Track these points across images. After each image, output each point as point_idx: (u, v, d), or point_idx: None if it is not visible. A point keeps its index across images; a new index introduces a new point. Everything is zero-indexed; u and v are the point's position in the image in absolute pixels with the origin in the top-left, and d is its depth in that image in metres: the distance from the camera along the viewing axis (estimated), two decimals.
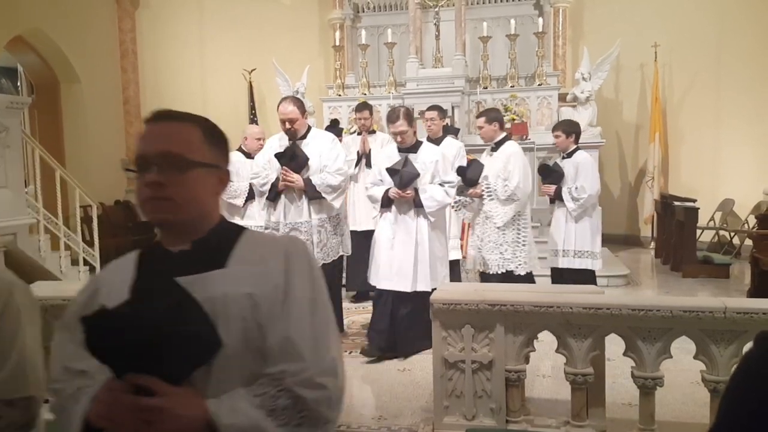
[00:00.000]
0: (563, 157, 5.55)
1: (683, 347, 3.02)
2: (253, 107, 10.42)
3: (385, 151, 4.83)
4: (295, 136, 4.51)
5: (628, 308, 2.91)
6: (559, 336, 3.06)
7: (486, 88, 8.93)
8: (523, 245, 5.00)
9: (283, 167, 4.42)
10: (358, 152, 6.29)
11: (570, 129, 5.48)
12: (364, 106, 6.55)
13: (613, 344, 3.13)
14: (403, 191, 4.37)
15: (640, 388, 2.99)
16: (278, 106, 4.52)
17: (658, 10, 9.49)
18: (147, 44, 10.28)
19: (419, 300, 4.18)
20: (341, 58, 9.69)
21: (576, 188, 5.32)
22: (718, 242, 8.81)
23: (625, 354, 3.03)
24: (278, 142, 4.64)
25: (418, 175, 4.38)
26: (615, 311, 2.92)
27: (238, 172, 5.51)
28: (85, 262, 7.08)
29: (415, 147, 4.61)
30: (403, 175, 4.33)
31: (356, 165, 6.26)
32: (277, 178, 4.49)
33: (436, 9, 8.98)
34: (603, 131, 8.46)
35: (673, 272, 7.81)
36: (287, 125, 4.47)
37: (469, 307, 3.07)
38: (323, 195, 4.46)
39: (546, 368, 4.18)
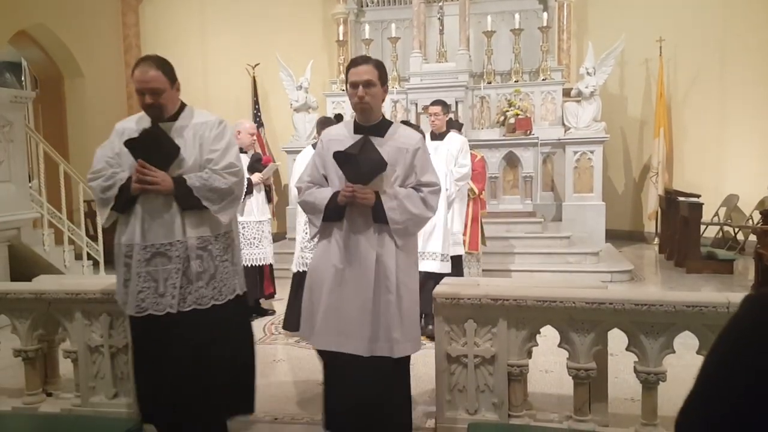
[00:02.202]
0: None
1: (686, 342, 3.01)
2: (256, 102, 10.42)
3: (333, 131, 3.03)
4: (159, 115, 2.84)
5: (631, 303, 2.90)
6: (561, 331, 3.06)
7: (490, 83, 8.92)
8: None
9: (139, 160, 2.74)
10: None
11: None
12: None
13: (616, 339, 3.12)
14: (361, 190, 2.69)
15: (642, 383, 2.98)
16: (133, 70, 2.86)
17: (662, 4, 9.44)
18: (150, 39, 10.29)
19: (384, 372, 2.76)
20: (345, 53, 9.68)
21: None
22: (722, 238, 8.79)
23: (627, 349, 3.02)
24: (134, 125, 2.93)
25: (383, 164, 2.68)
26: (618, 306, 2.91)
27: None
28: (89, 257, 7.10)
29: (380, 127, 2.86)
30: (362, 164, 2.68)
31: None
32: (129, 178, 2.78)
33: (440, 3, 8.96)
34: (607, 126, 8.43)
35: (677, 268, 7.80)
36: (147, 98, 2.80)
37: (472, 301, 3.07)
38: (204, 203, 2.79)
39: (548, 363, 4.18)
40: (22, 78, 10.63)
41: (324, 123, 5.04)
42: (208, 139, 2.86)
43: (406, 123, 6.95)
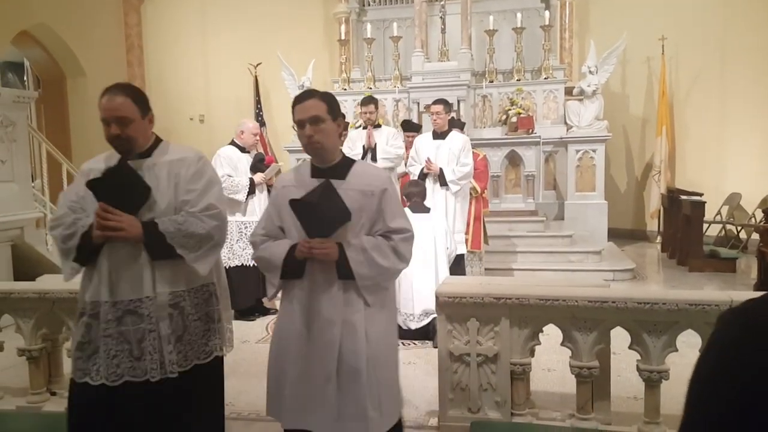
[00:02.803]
0: None
1: (689, 341, 3.00)
2: (258, 102, 10.43)
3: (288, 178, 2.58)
4: (127, 149, 2.43)
5: (633, 301, 2.91)
6: (564, 329, 3.06)
7: (492, 81, 8.91)
8: None
9: (100, 203, 2.32)
10: (363, 146, 6.29)
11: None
12: (369, 100, 6.54)
13: (619, 338, 3.12)
14: (319, 245, 2.29)
15: (645, 381, 2.99)
16: (100, 98, 2.42)
17: (664, 3, 9.43)
18: (152, 38, 10.31)
19: None
20: (346, 52, 9.68)
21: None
22: (724, 236, 8.78)
23: (630, 347, 3.03)
24: (103, 164, 2.47)
25: (347, 214, 2.30)
26: (620, 305, 2.91)
27: (236, 167, 5.45)
28: None
29: (340, 168, 2.47)
30: (322, 213, 2.29)
31: (362, 159, 6.25)
32: (92, 225, 2.34)
33: (442, 2, 8.95)
34: (609, 125, 8.42)
35: (680, 266, 7.79)
36: (113, 128, 2.38)
37: (475, 300, 3.07)
38: (178, 251, 2.37)
39: (551, 362, 4.17)
40: (25, 78, 10.65)
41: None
42: (185, 178, 2.44)
43: (407, 122, 6.97)
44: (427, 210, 5.14)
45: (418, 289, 4.84)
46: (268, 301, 2.41)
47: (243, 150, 5.55)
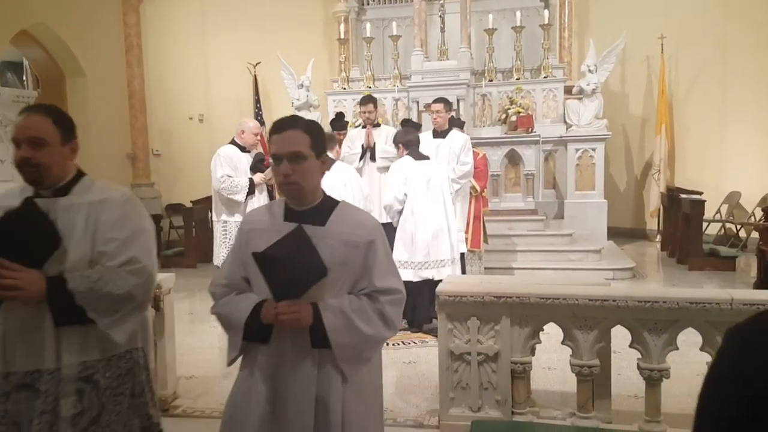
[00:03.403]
0: None
1: (689, 339, 3.01)
2: (258, 101, 10.42)
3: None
4: (37, 177, 1.99)
5: (634, 300, 2.91)
6: (565, 328, 3.06)
7: (491, 80, 8.90)
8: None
9: None
10: (362, 146, 6.29)
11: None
12: (368, 99, 6.54)
13: (619, 336, 3.13)
14: (288, 308, 1.85)
15: (646, 380, 2.99)
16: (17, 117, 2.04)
17: (664, 1, 9.43)
18: (151, 38, 10.29)
19: None
20: (346, 52, 9.67)
21: None
22: (724, 235, 8.79)
23: (631, 346, 3.03)
24: (17, 198, 2.02)
25: (322, 271, 1.86)
26: (621, 303, 2.91)
27: (236, 167, 5.44)
28: None
29: (319, 213, 2.02)
30: (293, 268, 1.86)
31: (360, 158, 6.26)
32: None
33: (441, 1, 8.93)
34: (609, 124, 8.42)
35: (680, 265, 7.79)
36: (23, 149, 1.95)
37: (475, 299, 3.07)
38: (90, 314, 1.92)
39: (552, 360, 4.18)
40: (24, 78, 10.65)
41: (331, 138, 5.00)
42: (106, 224, 1.98)
43: (407, 121, 6.96)
44: (426, 157, 5.22)
45: (429, 236, 5.00)
46: (227, 366, 1.84)
47: (243, 149, 5.54)
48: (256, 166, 5.61)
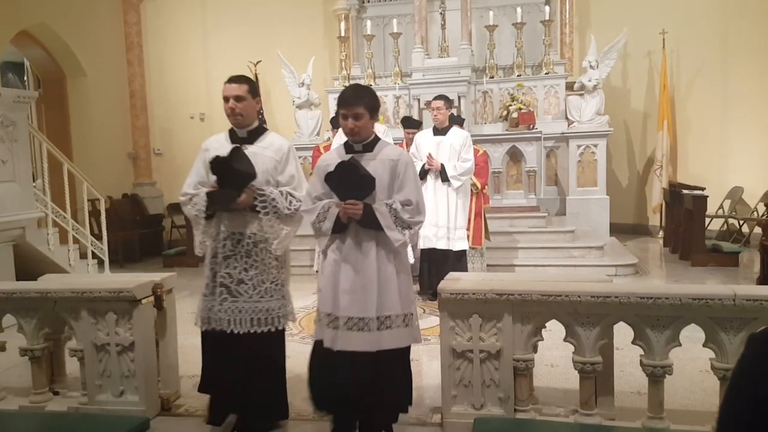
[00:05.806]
0: None
1: (692, 335, 3.00)
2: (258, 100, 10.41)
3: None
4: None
5: (636, 296, 2.90)
6: (567, 325, 3.05)
7: (492, 77, 8.89)
8: None
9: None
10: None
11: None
12: None
13: (622, 333, 3.12)
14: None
15: (648, 376, 2.98)
16: None
17: None
18: (152, 37, 10.30)
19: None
20: (346, 49, 9.66)
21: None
22: (727, 230, 8.76)
23: (633, 342, 3.02)
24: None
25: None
26: (623, 299, 2.90)
27: None
28: (94, 256, 7.11)
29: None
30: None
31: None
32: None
33: None
34: (611, 120, 8.40)
35: (682, 261, 7.78)
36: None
37: (477, 296, 3.06)
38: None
39: (554, 357, 4.17)
40: (25, 78, 10.64)
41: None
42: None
43: (407, 119, 6.95)
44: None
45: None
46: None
47: None
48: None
